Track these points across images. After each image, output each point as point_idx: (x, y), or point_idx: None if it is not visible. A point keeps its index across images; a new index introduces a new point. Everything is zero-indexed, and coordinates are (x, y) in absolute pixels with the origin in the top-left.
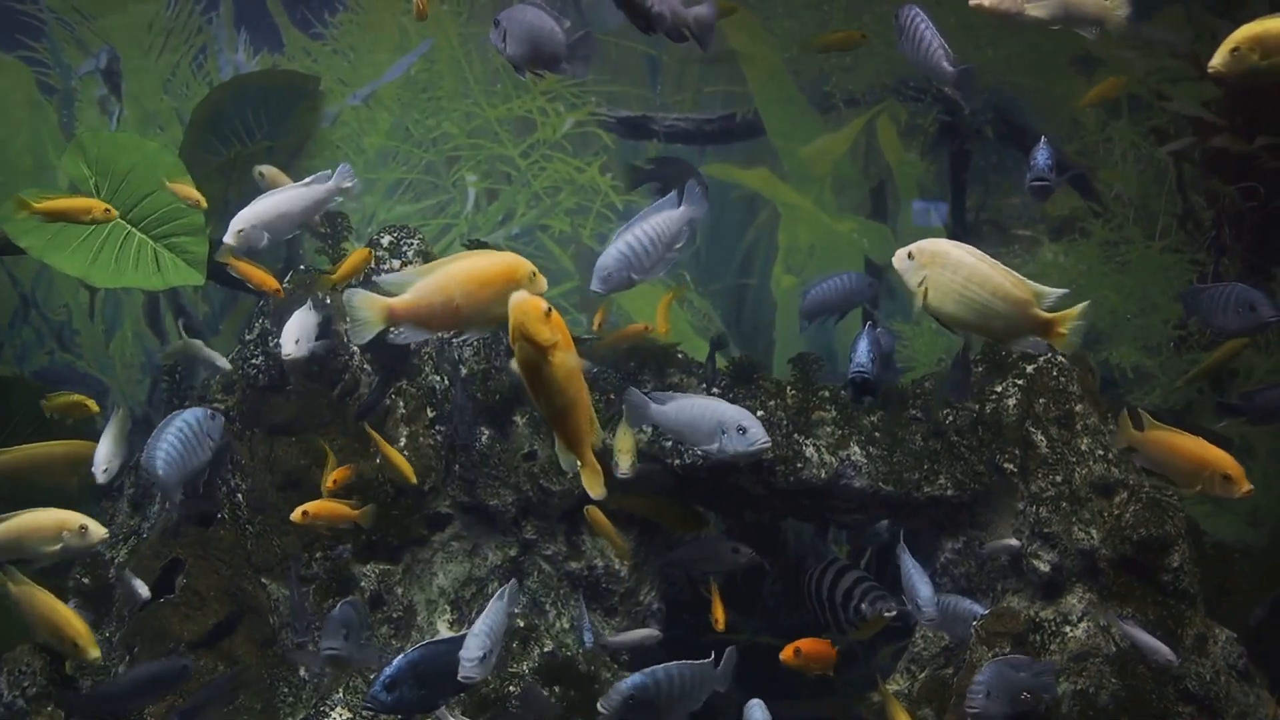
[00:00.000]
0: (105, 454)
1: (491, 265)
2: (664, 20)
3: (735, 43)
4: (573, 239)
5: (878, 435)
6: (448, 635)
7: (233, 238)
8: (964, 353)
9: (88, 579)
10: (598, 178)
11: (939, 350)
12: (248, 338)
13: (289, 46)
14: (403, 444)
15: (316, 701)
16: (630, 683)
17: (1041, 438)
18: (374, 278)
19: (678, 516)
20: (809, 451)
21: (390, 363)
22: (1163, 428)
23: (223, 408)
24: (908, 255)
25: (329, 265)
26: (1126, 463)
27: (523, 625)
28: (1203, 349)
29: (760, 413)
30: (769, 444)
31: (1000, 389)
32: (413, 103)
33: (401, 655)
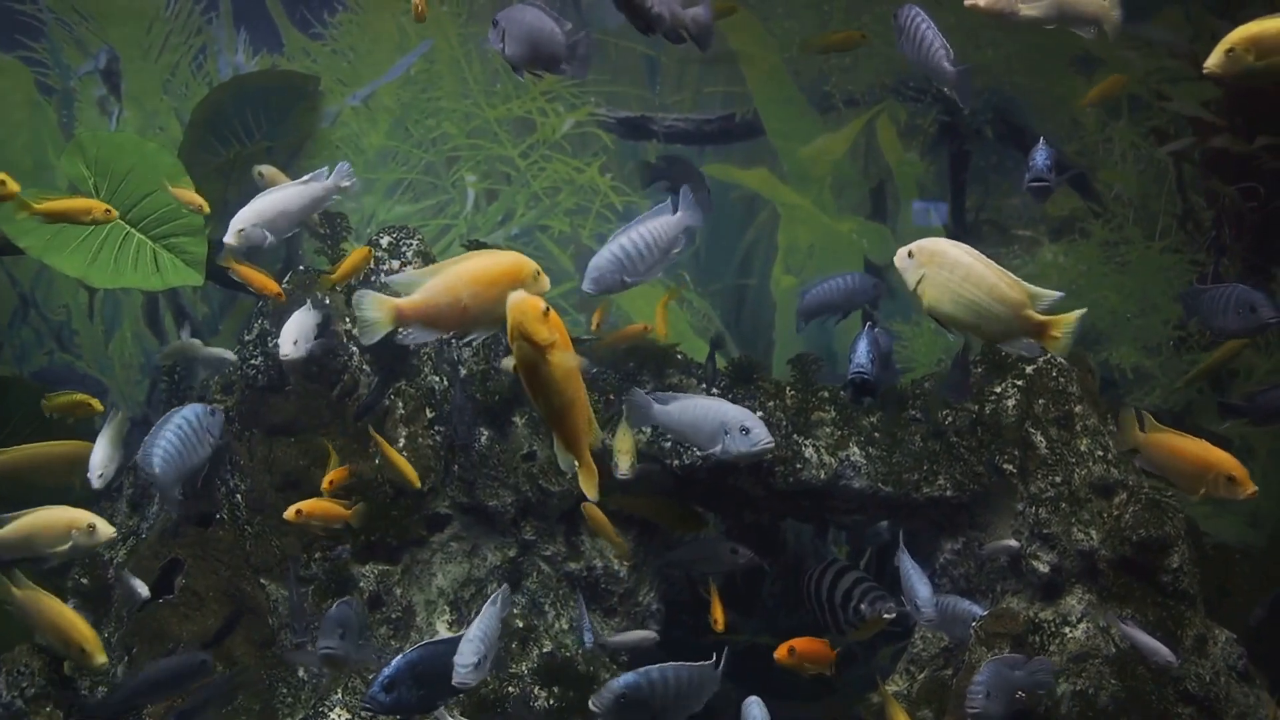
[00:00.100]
0: (101, 458)
1: (497, 265)
2: (663, 21)
3: (735, 43)
4: (572, 239)
5: (877, 436)
6: (446, 636)
7: (233, 237)
8: (963, 353)
9: (86, 579)
10: (597, 178)
11: (938, 351)
12: (247, 338)
13: (288, 47)
14: (402, 444)
15: (315, 702)
16: (623, 681)
17: (1041, 438)
18: (381, 278)
19: (677, 517)
20: (808, 452)
21: (389, 363)
22: (1165, 430)
23: (222, 408)
24: (908, 254)
25: (328, 265)
26: (1126, 463)
27: (522, 626)
28: (1202, 349)
29: (759, 413)
30: (772, 444)
31: (999, 390)
32: (412, 103)
33: (400, 656)
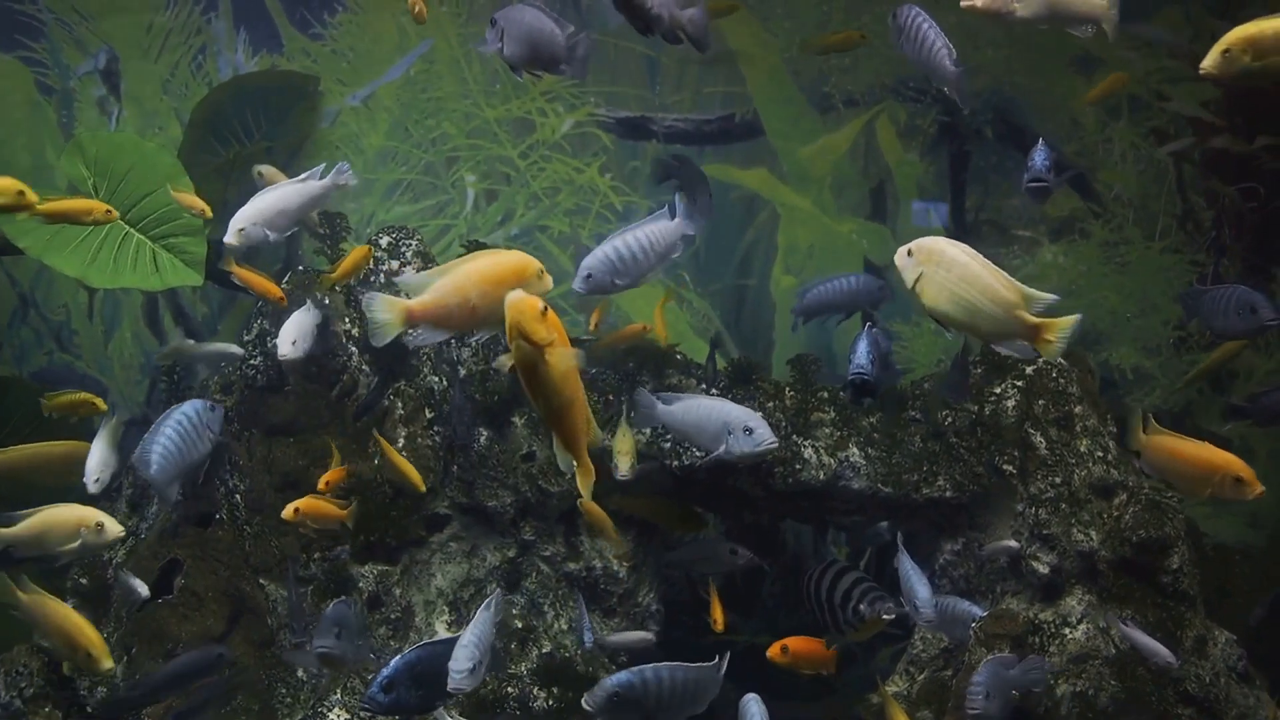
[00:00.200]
0: (97, 463)
1: (503, 264)
2: (662, 22)
3: (734, 43)
4: (572, 240)
5: (876, 437)
6: (445, 636)
7: (234, 237)
8: (963, 354)
9: (85, 579)
10: (597, 178)
11: (938, 351)
12: (246, 338)
13: (288, 47)
14: (401, 445)
15: (314, 703)
16: (616, 680)
17: (1041, 439)
18: (381, 278)
19: (676, 517)
20: (808, 453)
21: (388, 363)
22: (1166, 433)
23: (222, 404)
24: (907, 253)
25: (328, 266)
26: (1126, 464)
27: (521, 627)
28: (1202, 350)
29: (758, 414)
30: (775, 444)
31: (999, 390)
32: (412, 103)
33: (399, 656)
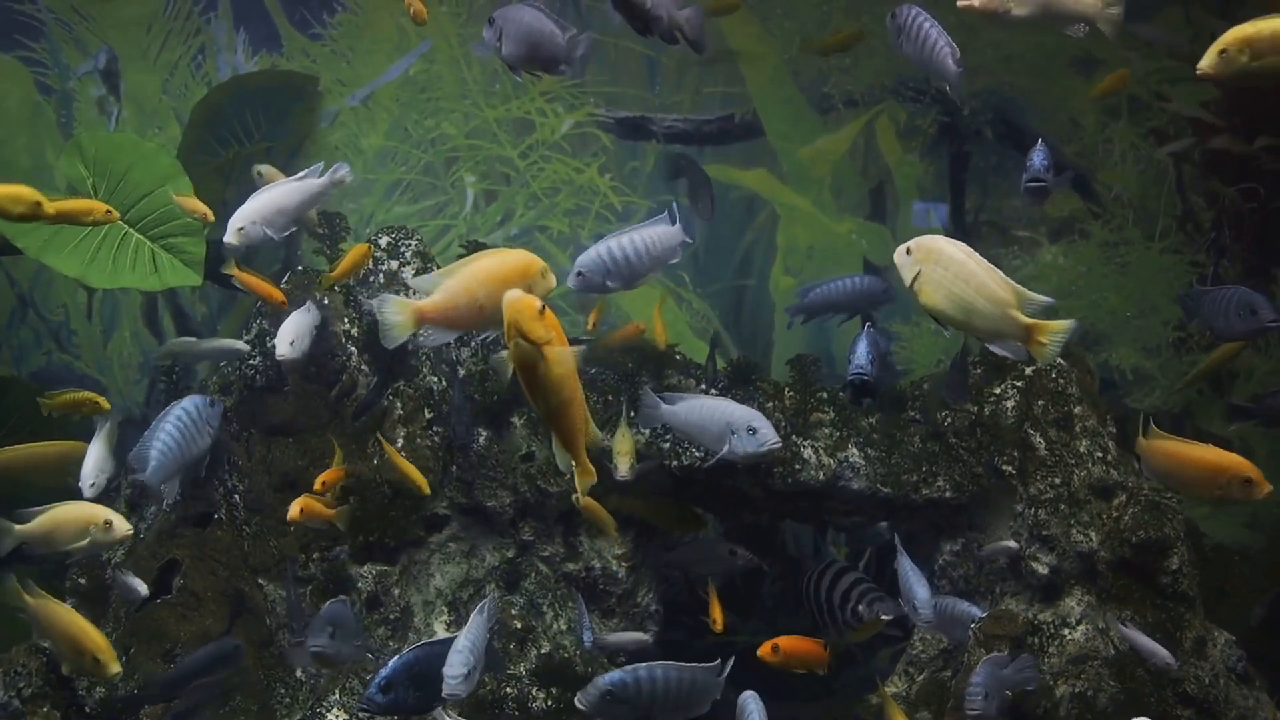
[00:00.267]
0: (93, 467)
1: (509, 263)
2: (661, 22)
3: (734, 43)
4: (571, 240)
5: (876, 437)
6: (444, 636)
7: (234, 236)
8: (962, 355)
9: (84, 579)
10: (596, 179)
11: (938, 352)
12: (245, 338)
13: (288, 47)
14: (400, 445)
15: (313, 703)
16: (609, 679)
17: (1040, 440)
18: (380, 278)
19: (675, 518)
20: (807, 453)
21: (387, 364)
22: (1168, 437)
23: (222, 401)
24: (906, 251)
25: (328, 266)
26: (1125, 465)
27: (520, 627)
28: (1202, 351)
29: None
30: (779, 445)
31: (999, 391)
32: (411, 103)
33: (397, 657)
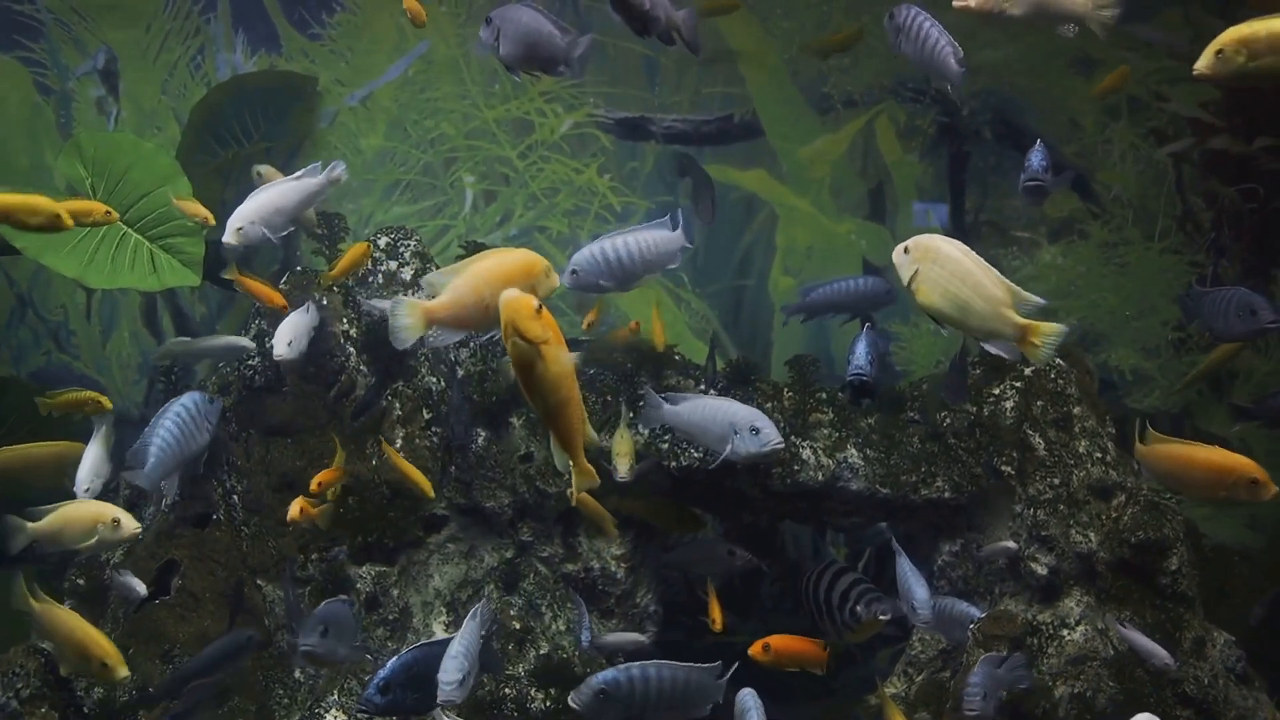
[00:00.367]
0: (88, 472)
1: (514, 262)
2: (659, 23)
3: (734, 43)
4: (570, 240)
5: (875, 438)
6: (443, 637)
7: (233, 236)
8: (961, 355)
9: (83, 580)
10: (595, 179)
11: (937, 353)
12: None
13: (287, 47)
14: (399, 445)
15: (311, 704)
16: (602, 678)
17: (1039, 440)
18: (379, 279)
19: (674, 518)
20: (806, 454)
21: (386, 364)
22: (1170, 440)
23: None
24: (903, 250)
25: (327, 267)
26: (1125, 465)
27: (518, 628)
28: (1201, 351)
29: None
30: (782, 445)
31: (998, 391)
32: (410, 103)
33: (396, 657)
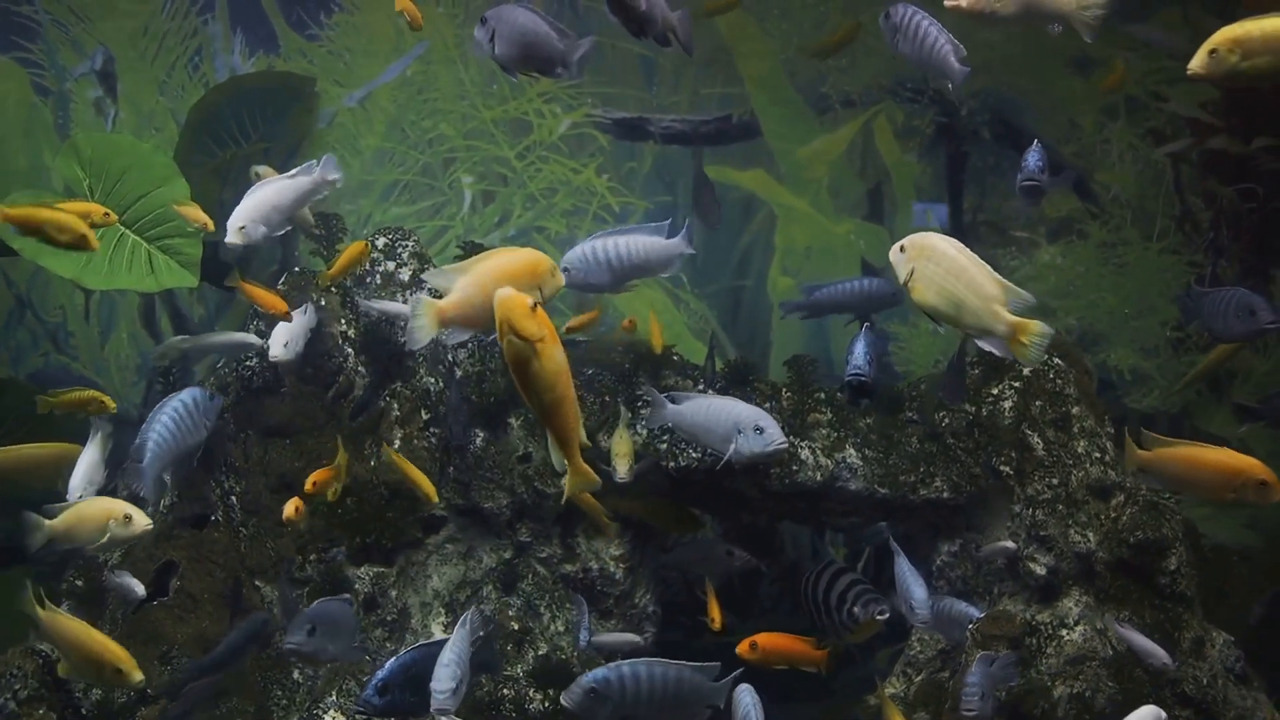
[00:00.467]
0: (81, 479)
1: (520, 261)
2: (655, 24)
3: (732, 44)
4: (569, 241)
5: (873, 438)
6: (441, 638)
7: (235, 236)
8: (960, 355)
9: (81, 581)
10: (594, 179)
11: (935, 352)
12: None
13: (285, 48)
14: (397, 446)
15: (310, 704)
16: (593, 676)
17: (1038, 440)
18: (377, 279)
19: (673, 519)
20: (804, 454)
21: (384, 365)
22: (1173, 443)
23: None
24: (900, 249)
25: (325, 267)
26: (1124, 465)
27: (517, 628)
28: (1200, 351)
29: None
30: (786, 444)
31: (996, 391)
32: (409, 104)
33: (394, 658)
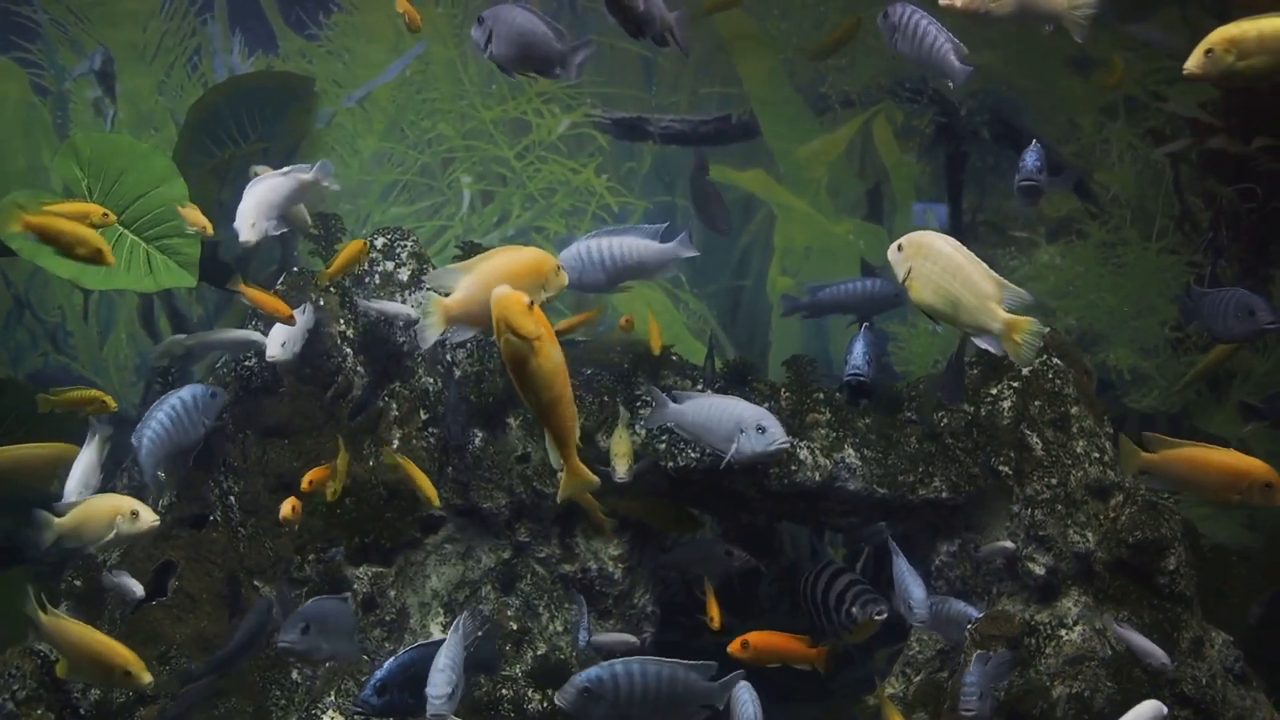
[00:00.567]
0: (77, 483)
1: (524, 260)
2: (653, 24)
3: (731, 44)
4: (568, 241)
5: (872, 438)
6: (440, 638)
7: (249, 233)
8: (959, 355)
9: (79, 581)
10: (593, 179)
11: (934, 352)
12: None
13: (284, 48)
14: (395, 446)
15: (308, 704)
16: (587, 675)
17: (1037, 440)
18: (376, 279)
19: (672, 519)
20: (803, 454)
21: (383, 365)
22: (1177, 444)
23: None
24: (898, 248)
25: (324, 267)
26: (1121, 468)
27: (515, 629)
28: (1200, 351)
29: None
30: (788, 443)
31: (995, 391)
32: (407, 104)
33: (392, 658)
